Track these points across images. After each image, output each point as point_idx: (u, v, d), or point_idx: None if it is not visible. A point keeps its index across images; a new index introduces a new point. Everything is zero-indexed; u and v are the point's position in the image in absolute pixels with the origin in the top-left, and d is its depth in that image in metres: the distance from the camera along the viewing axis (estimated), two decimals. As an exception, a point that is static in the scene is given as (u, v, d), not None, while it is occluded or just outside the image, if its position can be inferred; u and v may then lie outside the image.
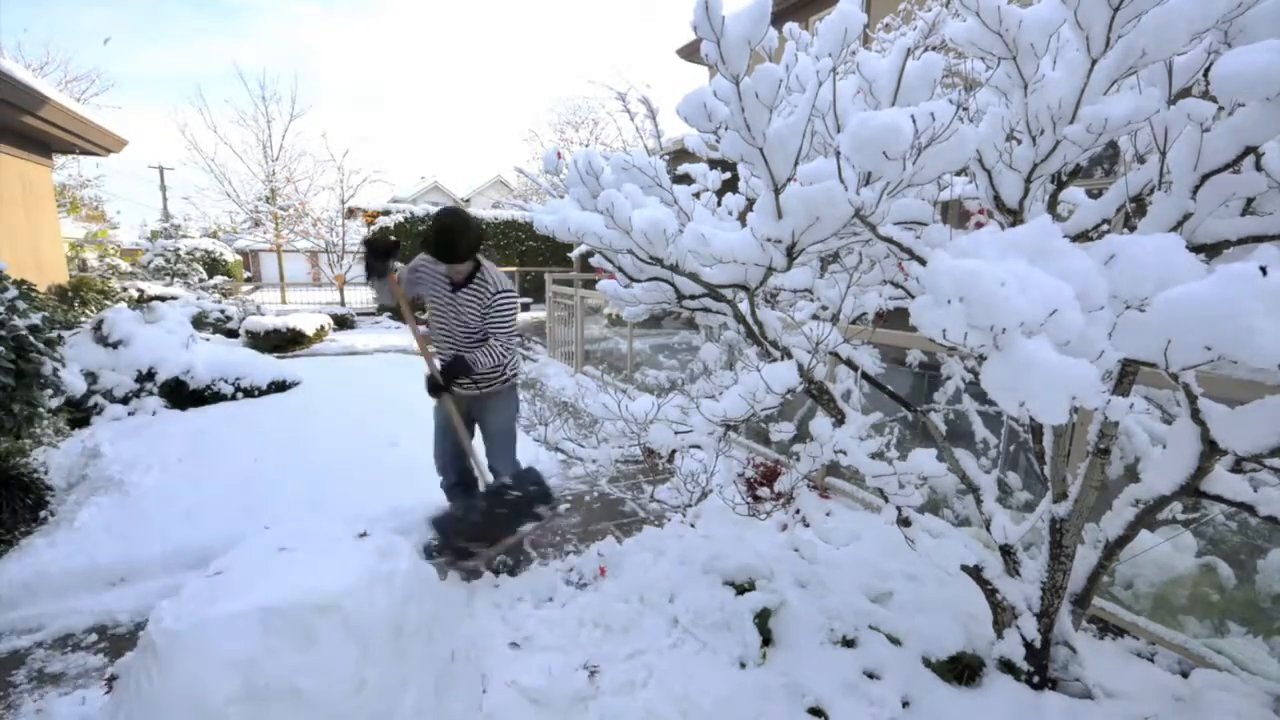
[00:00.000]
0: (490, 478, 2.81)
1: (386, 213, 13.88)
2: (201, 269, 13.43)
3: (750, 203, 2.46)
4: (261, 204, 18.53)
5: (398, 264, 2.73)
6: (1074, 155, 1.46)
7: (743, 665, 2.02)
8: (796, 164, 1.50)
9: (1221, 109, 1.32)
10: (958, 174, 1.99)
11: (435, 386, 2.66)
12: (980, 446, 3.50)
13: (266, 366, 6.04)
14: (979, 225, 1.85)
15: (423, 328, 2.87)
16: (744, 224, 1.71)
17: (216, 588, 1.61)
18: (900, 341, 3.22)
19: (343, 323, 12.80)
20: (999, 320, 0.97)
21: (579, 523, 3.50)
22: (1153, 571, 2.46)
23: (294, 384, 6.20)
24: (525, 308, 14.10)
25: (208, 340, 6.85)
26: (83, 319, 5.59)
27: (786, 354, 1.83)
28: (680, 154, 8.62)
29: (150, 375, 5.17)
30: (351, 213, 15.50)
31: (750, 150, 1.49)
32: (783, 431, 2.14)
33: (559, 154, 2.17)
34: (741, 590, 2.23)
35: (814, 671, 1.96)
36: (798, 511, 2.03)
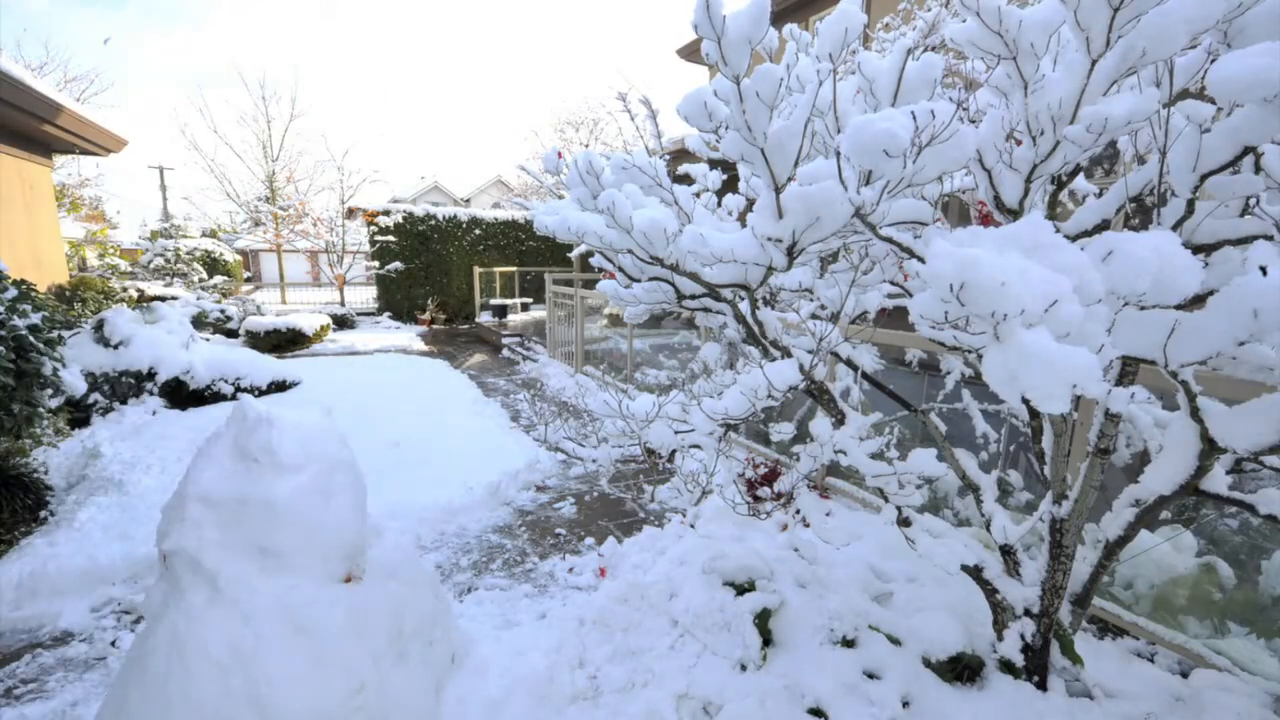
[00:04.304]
0: None
1: (386, 213, 13.89)
2: (201, 269, 13.45)
3: (750, 203, 2.46)
4: (261, 204, 18.56)
5: None
6: (1074, 155, 1.46)
7: (743, 666, 2.02)
8: (797, 164, 1.50)
9: (1220, 110, 1.32)
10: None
11: None
12: (980, 441, 3.50)
13: (266, 366, 6.04)
14: (983, 220, 1.86)
15: None
16: (744, 224, 1.71)
17: (217, 587, 1.61)
18: (900, 341, 3.21)
19: (343, 322, 12.82)
20: (1000, 307, 0.96)
21: (579, 522, 3.50)
22: (1153, 571, 2.46)
23: (294, 384, 6.20)
24: (525, 308, 14.11)
25: (208, 340, 6.85)
26: (83, 319, 5.59)
27: (786, 354, 1.84)
28: (680, 154, 8.61)
29: (150, 375, 5.17)
30: (351, 213, 15.52)
31: (751, 150, 1.49)
32: (783, 431, 2.14)
33: (559, 154, 2.17)
34: (741, 590, 2.23)
35: (814, 672, 1.96)
36: (798, 511, 2.03)
